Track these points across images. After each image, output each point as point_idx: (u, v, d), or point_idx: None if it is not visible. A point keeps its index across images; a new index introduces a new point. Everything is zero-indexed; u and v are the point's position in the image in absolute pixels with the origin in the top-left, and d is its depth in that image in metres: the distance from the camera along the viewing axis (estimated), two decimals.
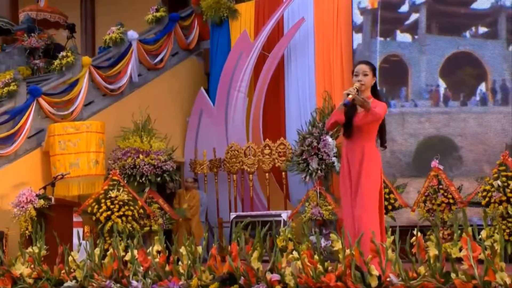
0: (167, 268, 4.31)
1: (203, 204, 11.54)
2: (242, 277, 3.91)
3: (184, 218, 10.91)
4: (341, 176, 4.84)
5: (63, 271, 4.63)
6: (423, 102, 10.64)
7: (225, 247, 4.30)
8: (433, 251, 3.55)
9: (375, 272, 3.49)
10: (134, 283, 4.14)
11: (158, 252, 4.35)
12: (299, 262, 3.81)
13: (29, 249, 4.95)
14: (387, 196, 9.51)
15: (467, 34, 10.56)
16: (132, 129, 11.02)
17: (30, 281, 4.62)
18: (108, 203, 9.94)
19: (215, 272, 4.06)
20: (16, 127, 10.23)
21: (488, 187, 8.58)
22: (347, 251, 3.66)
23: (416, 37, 10.89)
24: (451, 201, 8.96)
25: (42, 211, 8.94)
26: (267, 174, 11.18)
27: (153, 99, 11.83)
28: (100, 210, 9.96)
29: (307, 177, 10.24)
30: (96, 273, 4.41)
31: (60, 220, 9.17)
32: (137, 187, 10.57)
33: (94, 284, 4.25)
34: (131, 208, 9.95)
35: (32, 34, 13.44)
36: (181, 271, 4.20)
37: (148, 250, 4.51)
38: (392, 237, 3.88)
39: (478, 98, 10.30)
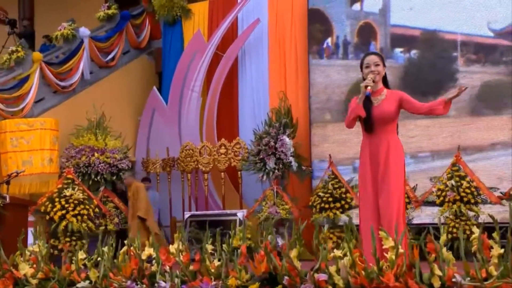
0: (191, 267, 4.00)
1: (155, 204, 11.46)
2: (286, 277, 3.69)
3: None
4: (361, 170, 4.76)
5: (67, 271, 4.37)
6: None
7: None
8: (497, 250, 3.36)
9: (438, 271, 3.33)
10: (162, 283, 3.86)
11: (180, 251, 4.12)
12: (345, 261, 3.58)
13: (30, 248, 4.74)
14: (343, 196, 9.75)
15: None
16: (85, 127, 10.84)
17: (35, 281, 4.38)
18: (63, 202, 9.77)
19: (254, 271, 3.84)
20: None
21: (442, 187, 8.93)
22: (401, 250, 3.47)
23: None
24: (406, 200, 9.24)
25: None
26: (222, 173, 11.22)
27: (104, 97, 11.65)
28: (54, 209, 9.77)
29: (264, 177, 10.34)
30: (113, 272, 4.14)
31: (15, 220, 8.90)
32: (92, 186, 10.43)
33: (115, 285, 4.02)
34: (87, 207, 9.81)
35: None
36: (212, 270, 3.97)
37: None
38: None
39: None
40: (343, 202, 9.69)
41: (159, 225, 11.38)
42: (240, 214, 10.43)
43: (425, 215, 9.37)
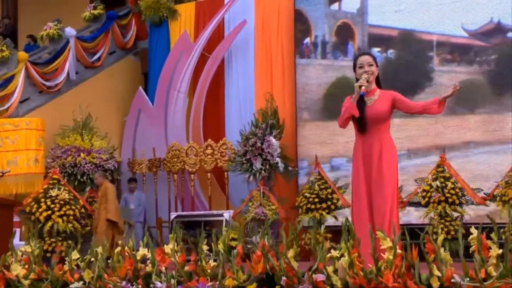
0: (187, 268, 3.95)
1: (141, 204, 11.46)
2: (283, 277, 3.65)
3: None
4: (354, 171, 4.78)
5: (60, 272, 4.32)
6: None
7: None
8: (496, 251, 3.35)
9: (437, 272, 3.31)
10: (158, 284, 3.84)
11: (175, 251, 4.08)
12: (342, 262, 3.55)
13: (22, 248, 4.69)
14: (329, 196, 9.80)
15: None
16: (71, 127, 10.80)
17: (27, 282, 4.33)
18: (49, 203, 9.74)
19: (251, 272, 3.79)
20: None
21: (427, 188, 9.01)
22: (398, 251, 3.43)
23: None
24: None
25: None
26: (208, 174, 11.23)
27: (90, 98, 11.62)
28: (40, 210, 9.74)
29: (251, 177, 10.37)
30: (107, 273, 4.10)
31: (1, 220, 8.86)
32: (78, 186, 10.41)
33: (110, 286, 3.98)
34: (72, 207, 9.78)
35: None
36: (208, 271, 3.92)
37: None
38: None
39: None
40: (329, 203, 9.73)
41: (144, 226, 11.38)
42: (227, 214, 10.44)
43: (412, 216, 9.47)
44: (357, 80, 4.80)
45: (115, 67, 12.88)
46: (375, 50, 10.78)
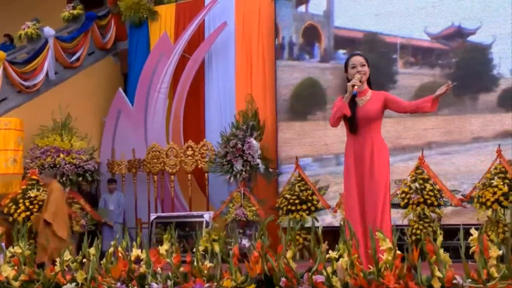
0: (182, 269, 3.93)
1: (121, 205, 11.41)
2: (283, 278, 3.62)
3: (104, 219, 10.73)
4: (346, 172, 4.78)
5: (52, 273, 4.26)
6: None
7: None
8: (496, 252, 3.34)
9: (438, 273, 3.31)
10: (154, 285, 3.79)
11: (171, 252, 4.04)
12: (342, 262, 3.53)
13: (11, 249, 4.62)
14: (310, 198, 9.87)
15: None
16: (51, 128, 10.72)
17: (17, 284, 4.27)
18: (27, 203, 9.68)
19: (249, 272, 3.76)
20: None
21: (406, 189, 9.13)
22: (396, 251, 3.45)
23: None
24: None
25: None
26: (189, 175, 11.22)
27: (69, 98, 11.52)
28: (18, 211, 9.67)
29: (231, 178, 10.38)
30: (100, 274, 4.05)
31: None
32: None
33: (104, 287, 3.93)
34: None
35: None
36: (205, 272, 3.89)
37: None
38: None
39: None
40: (309, 204, 9.81)
41: (124, 227, 11.30)
42: (207, 215, 10.46)
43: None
44: (349, 80, 4.84)
45: (95, 67, 12.81)
46: (341, 52, 11.00)
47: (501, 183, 8.65)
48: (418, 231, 8.83)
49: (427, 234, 8.57)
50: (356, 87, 4.69)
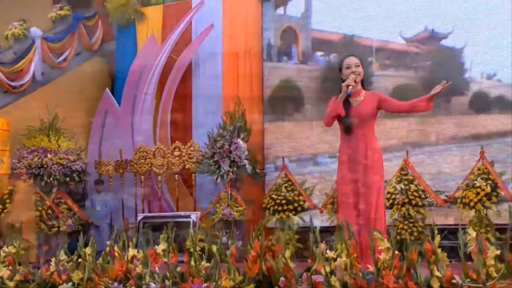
0: (179, 268, 3.95)
1: (108, 206, 11.43)
2: (282, 278, 3.62)
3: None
4: (340, 171, 4.85)
5: (48, 273, 4.25)
6: None
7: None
8: (494, 252, 3.36)
9: (437, 273, 3.32)
10: (152, 285, 3.83)
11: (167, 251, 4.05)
12: (341, 262, 3.54)
13: (5, 249, 4.62)
14: (296, 198, 9.96)
15: None
16: (38, 128, 10.72)
17: (12, 284, 4.27)
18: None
19: (247, 272, 3.77)
20: None
21: (391, 190, 9.25)
22: (395, 251, 3.47)
23: None
24: None
25: None
26: (176, 176, 11.28)
27: (56, 98, 11.52)
28: (5, 211, 9.65)
29: (219, 179, 10.45)
30: (97, 274, 4.05)
31: None
32: (44, 187, 10.31)
33: (101, 287, 3.95)
34: (39, 208, 9.72)
35: None
36: (202, 271, 3.89)
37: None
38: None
39: None
40: (296, 205, 9.90)
41: (111, 228, 11.32)
42: (194, 216, 10.50)
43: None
44: (343, 81, 4.92)
45: (82, 68, 12.80)
46: (318, 54, 11.14)
47: (484, 184, 8.80)
48: (403, 231, 8.95)
49: (427, 235, 8.86)
50: (350, 87, 4.77)
